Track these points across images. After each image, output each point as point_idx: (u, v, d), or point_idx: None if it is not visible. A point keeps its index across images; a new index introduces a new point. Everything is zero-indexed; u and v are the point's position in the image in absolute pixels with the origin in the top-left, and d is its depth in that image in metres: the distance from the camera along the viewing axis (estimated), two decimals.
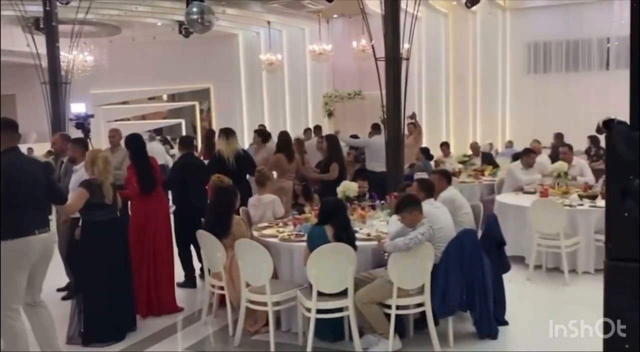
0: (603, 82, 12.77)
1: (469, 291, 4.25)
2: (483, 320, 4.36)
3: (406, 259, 4.05)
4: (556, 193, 6.60)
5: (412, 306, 4.27)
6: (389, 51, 6.93)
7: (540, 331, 4.63)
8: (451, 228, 4.51)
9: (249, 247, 4.40)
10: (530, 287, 5.79)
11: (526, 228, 6.23)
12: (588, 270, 6.01)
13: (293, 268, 4.56)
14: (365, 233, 4.76)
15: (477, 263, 4.30)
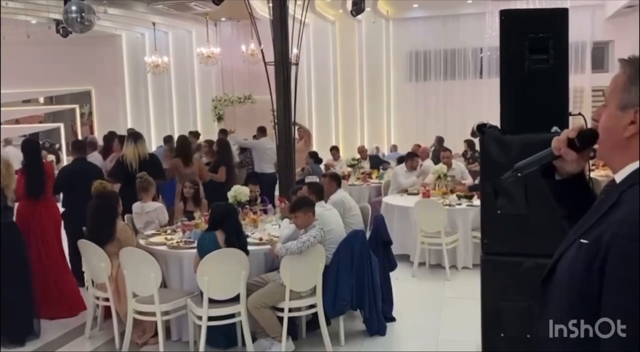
0: (477, 89, 13.67)
1: (358, 290, 4.37)
2: (372, 317, 4.50)
3: (298, 262, 4.09)
4: (437, 194, 6.97)
5: (305, 308, 4.32)
6: (278, 56, 6.97)
7: (425, 325, 4.88)
8: (341, 230, 4.61)
9: (135, 255, 4.23)
10: (415, 284, 6.06)
11: (410, 227, 6.53)
12: (467, 265, 6.40)
13: (183, 276, 4.45)
14: (257, 237, 4.74)
15: (366, 263, 4.43)
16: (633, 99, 1.20)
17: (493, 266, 3.30)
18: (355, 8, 10.40)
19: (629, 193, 1.20)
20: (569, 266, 1.26)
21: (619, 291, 1.13)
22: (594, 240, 1.19)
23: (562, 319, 1.28)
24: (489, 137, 3.20)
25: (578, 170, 1.43)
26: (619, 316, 1.13)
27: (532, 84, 3.06)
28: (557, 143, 1.38)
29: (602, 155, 1.31)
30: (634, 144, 1.22)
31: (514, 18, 3.10)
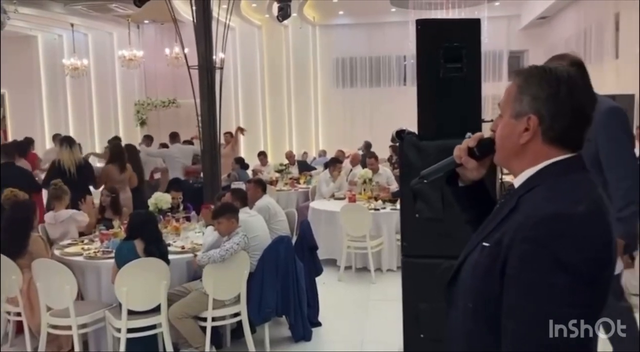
0: (401, 95, 14.01)
1: (284, 296, 4.36)
2: (297, 323, 4.49)
3: (221, 270, 4.02)
4: (363, 198, 7.07)
5: (229, 316, 4.26)
6: (201, 60, 6.86)
7: (351, 328, 4.92)
8: (266, 236, 4.58)
9: (48, 267, 4.03)
10: (341, 288, 6.11)
11: (337, 232, 6.59)
12: (391, 268, 6.52)
13: (101, 287, 4.27)
14: (179, 246, 4.64)
15: (292, 268, 4.42)
16: (525, 107, 1.26)
17: (412, 268, 3.38)
18: (281, 13, 10.39)
19: (526, 197, 1.25)
20: (472, 268, 1.30)
21: (517, 292, 1.17)
22: (495, 243, 1.23)
23: (466, 321, 1.32)
24: (407, 143, 3.27)
25: (479, 177, 1.48)
26: (517, 316, 1.17)
27: (447, 91, 3.15)
28: (459, 152, 1.43)
29: (501, 161, 1.36)
30: (529, 150, 1.27)
31: (430, 27, 3.18)
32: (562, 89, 1.23)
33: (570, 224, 1.14)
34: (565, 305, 1.12)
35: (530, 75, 1.28)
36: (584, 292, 1.14)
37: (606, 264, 1.17)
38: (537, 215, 1.17)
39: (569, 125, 1.24)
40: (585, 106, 1.26)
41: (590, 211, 1.17)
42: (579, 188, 1.22)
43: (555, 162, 1.26)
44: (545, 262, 1.13)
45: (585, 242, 1.14)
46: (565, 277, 1.11)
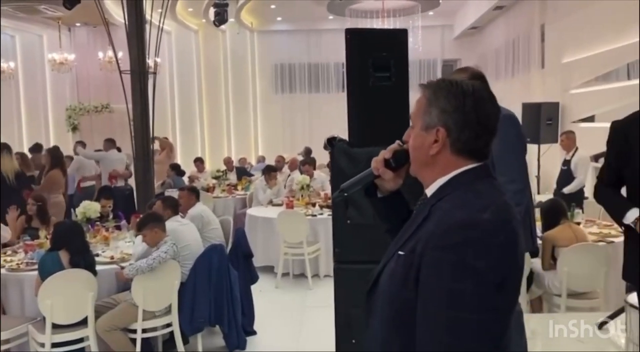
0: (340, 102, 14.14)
1: (217, 306, 4.29)
2: (231, 332, 4.44)
3: (151, 280, 3.93)
4: (301, 204, 7.08)
5: (160, 327, 4.16)
6: (134, 64, 6.71)
7: (286, 336, 4.91)
8: (199, 244, 4.51)
9: None
10: (278, 295, 6.09)
11: (274, 238, 6.56)
12: (329, 273, 6.53)
13: (24, 301, 4.09)
14: (108, 256, 4.50)
15: (225, 277, 4.37)
16: (434, 119, 1.30)
17: (345, 273, 3.40)
18: (218, 18, 10.34)
19: (437, 206, 1.28)
20: (389, 277, 1.32)
21: (429, 299, 1.19)
22: (409, 251, 1.26)
23: (385, 329, 1.33)
24: (337, 150, 3.30)
25: (396, 188, 1.51)
26: (429, 323, 1.19)
27: (376, 99, 3.20)
28: (375, 163, 1.45)
29: (415, 171, 1.39)
30: (439, 161, 1.31)
31: (359, 37, 3.22)
32: (468, 102, 1.28)
33: (477, 231, 1.17)
34: (473, 311, 1.15)
35: (438, 88, 1.32)
36: (492, 298, 1.16)
37: (512, 269, 1.20)
38: (446, 223, 1.20)
39: (475, 136, 1.29)
40: (490, 118, 1.30)
41: (495, 218, 1.20)
42: (485, 196, 1.26)
43: (464, 172, 1.30)
44: (453, 268, 1.16)
45: (492, 248, 1.17)
46: (473, 282, 1.14)
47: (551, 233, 4.45)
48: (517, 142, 2.80)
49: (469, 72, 2.85)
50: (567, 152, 7.01)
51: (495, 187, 1.32)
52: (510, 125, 2.80)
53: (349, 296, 3.38)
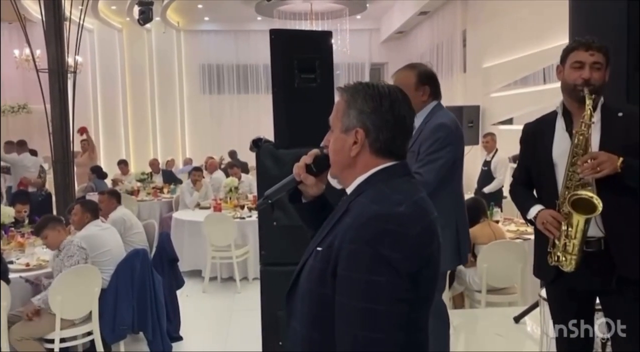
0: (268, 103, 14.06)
1: (140, 312, 4.16)
2: (156, 339, 4.31)
3: (69, 287, 3.77)
4: (229, 207, 7.00)
5: (80, 336, 4.00)
6: (52, 63, 6.44)
7: (213, 340, 4.83)
8: (120, 250, 4.36)
9: None
10: (206, 299, 5.98)
11: (202, 242, 6.45)
12: (257, 276, 6.46)
13: None
14: (23, 263, 4.28)
15: (149, 283, 4.24)
16: (353, 121, 1.33)
17: (271, 276, 3.39)
18: (142, 17, 10.06)
19: (355, 202, 1.32)
20: (308, 274, 1.33)
21: (345, 292, 1.21)
22: (327, 247, 1.28)
23: (305, 327, 1.33)
24: (263, 151, 3.29)
25: (319, 193, 1.52)
26: (346, 315, 1.20)
27: (302, 101, 3.20)
28: (297, 169, 1.47)
29: (336, 174, 1.42)
30: (359, 162, 1.35)
31: (284, 38, 3.22)
32: (385, 103, 1.32)
33: (392, 223, 1.21)
34: (388, 301, 1.17)
35: (355, 91, 1.35)
36: (407, 290, 1.19)
37: (426, 261, 1.24)
38: (363, 216, 1.23)
39: (393, 136, 1.33)
40: (405, 118, 1.35)
41: (410, 212, 1.24)
42: (401, 191, 1.30)
43: (382, 169, 1.34)
44: (369, 260, 1.18)
45: (406, 240, 1.20)
46: (388, 273, 1.17)
47: (471, 231, 4.60)
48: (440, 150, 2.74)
49: (418, 69, 2.89)
50: (488, 153, 7.31)
51: (413, 184, 1.37)
52: (440, 132, 2.72)
53: (275, 298, 3.36)
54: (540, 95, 7.82)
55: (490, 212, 5.25)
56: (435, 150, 2.70)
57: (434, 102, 2.94)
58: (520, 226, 5.36)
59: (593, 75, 2.23)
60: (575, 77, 2.24)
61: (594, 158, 2.16)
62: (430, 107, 2.91)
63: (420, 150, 2.73)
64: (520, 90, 8.64)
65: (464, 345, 4.06)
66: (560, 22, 3.58)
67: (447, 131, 2.76)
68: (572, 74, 2.26)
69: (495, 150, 7.25)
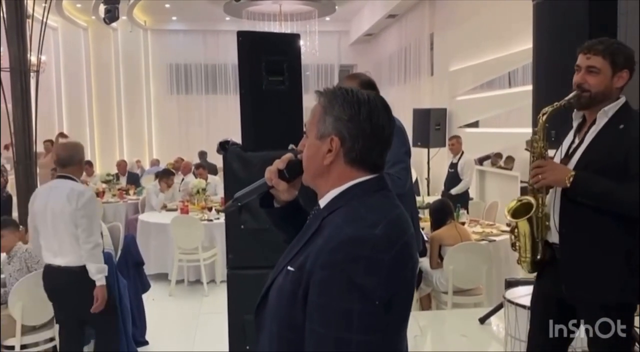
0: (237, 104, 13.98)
1: None
2: (122, 344, 4.24)
3: (30, 291, 3.67)
4: (196, 209, 6.93)
5: (42, 342, 3.90)
6: (14, 61, 6.26)
7: (179, 344, 4.78)
8: None
9: None
10: (172, 303, 5.91)
11: (168, 245, 6.37)
12: (225, 279, 6.43)
13: None
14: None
15: (113, 286, 4.17)
16: (328, 128, 1.26)
17: (238, 279, 3.37)
18: (108, 15, 9.87)
19: (328, 219, 1.24)
20: (277, 293, 1.27)
21: (316, 319, 1.15)
22: (298, 268, 1.21)
23: (272, 345, 1.28)
24: (231, 154, 3.27)
25: (291, 198, 1.46)
26: (317, 343, 1.15)
27: (270, 103, 3.20)
28: (269, 174, 1.41)
29: (308, 181, 1.35)
30: (333, 171, 1.28)
31: (251, 40, 3.21)
32: (363, 111, 1.25)
33: (366, 248, 1.14)
34: (361, 331, 1.12)
35: (334, 97, 1.29)
36: (381, 317, 1.14)
37: (402, 286, 1.18)
38: (335, 239, 1.17)
39: (370, 147, 1.26)
40: (384, 128, 1.28)
41: (386, 234, 1.18)
42: (378, 210, 1.23)
43: (357, 184, 1.27)
44: (341, 287, 1.13)
45: (381, 266, 1.14)
46: (361, 301, 1.12)
47: (438, 233, 4.66)
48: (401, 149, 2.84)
49: (359, 80, 2.87)
50: (454, 155, 7.40)
51: (390, 199, 1.30)
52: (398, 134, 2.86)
53: (242, 302, 3.34)
54: (506, 99, 7.96)
55: (457, 214, 5.32)
56: (398, 150, 2.75)
57: None
58: (486, 227, 5.44)
59: (587, 79, 2.13)
60: (574, 81, 2.18)
61: (540, 166, 2.16)
62: None
63: None
64: (486, 93, 8.78)
65: (431, 346, 4.10)
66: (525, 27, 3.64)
67: (401, 131, 2.83)
68: (574, 78, 2.18)
69: (461, 153, 7.34)
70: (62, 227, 3.32)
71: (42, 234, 3.41)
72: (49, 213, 3.36)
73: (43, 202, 3.40)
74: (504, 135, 8.09)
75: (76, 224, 3.30)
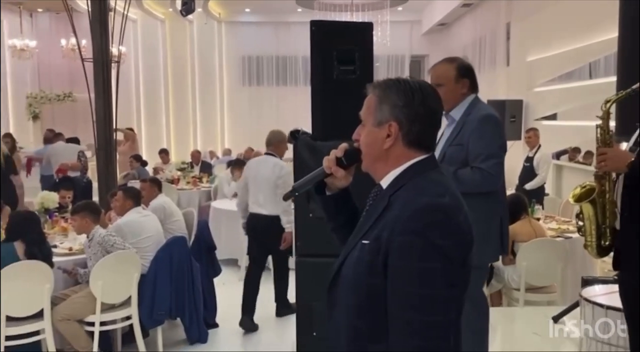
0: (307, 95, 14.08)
1: (178, 298, 4.24)
2: (192, 325, 4.40)
3: (110, 272, 3.86)
4: None
5: (119, 320, 4.09)
6: (97, 53, 6.56)
7: None
8: (160, 236, 4.44)
9: None
10: (241, 288, 6.03)
11: (239, 232, 6.49)
12: (292, 267, 6.49)
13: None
14: (66, 247, 4.40)
15: (187, 269, 4.32)
16: (386, 115, 1.39)
17: (306, 267, 3.40)
18: (185, 8, 10.16)
19: (397, 195, 1.36)
20: (353, 266, 1.37)
21: (401, 281, 1.27)
22: (374, 239, 1.32)
23: (351, 317, 1.37)
24: (301, 143, 3.29)
25: (346, 185, 1.57)
26: (402, 303, 1.26)
27: (341, 93, 3.18)
28: (328, 162, 1.51)
29: (367, 167, 1.46)
30: (392, 154, 1.41)
31: (324, 29, 3.20)
32: (416, 97, 1.38)
33: (440, 213, 1.28)
34: (444, 286, 1.25)
35: (387, 87, 1.40)
36: (458, 273, 1.28)
37: (470, 246, 1.33)
38: (411, 208, 1.29)
39: (424, 129, 1.40)
40: (436, 111, 1.42)
41: (452, 201, 1.32)
42: (439, 183, 1.37)
43: (416, 163, 1.40)
44: (421, 250, 1.25)
45: (455, 228, 1.28)
46: (442, 260, 1.25)
47: (511, 228, 4.50)
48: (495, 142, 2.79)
49: (457, 62, 2.89)
50: (530, 149, 7.15)
51: (444, 176, 1.43)
52: (490, 123, 2.81)
53: (310, 289, 3.37)
54: (586, 91, 7.60)
55: (532, 210, 5.14)
56: (492, 144, 2.74)
57: (472, 94, 2.96)
58: (562, 224, 5.23)
59: None
60: None
61: (603, 153, 2.22)
62: (470, 99, 2.93)
63: (470, 144, 2.74)
64: (565, 85, 8.42)
65: (500, 343, 4.00)
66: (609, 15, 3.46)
67: (498, 122, 2.83)
68: None
69: (538, 146, 7.08)
70: (266, 188, 4.78)
71: (251, 191, 4.90)
72: (258, 178, 4.85)
73: (254, 171, 4.96)
74: (583, 128, 7.71)
75: (277, 186, 4.72)
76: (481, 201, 2.68)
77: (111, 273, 3.87)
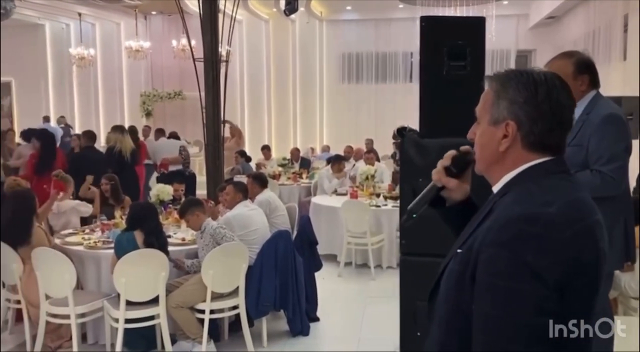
0: (407, 92, 13.99)
1: (282, 291, 4.36)
2: (295, 318, 4.50)
3: (220, 263, 4.03)
4: (365, 194, 7.06)
5: (227, 309, 4.27)
6: (207, 52, 6.86)
7: (349, 324, 4.93)
8: (266, 230, 4.58)
9: (48, 256, 4.04)
10: (341, 283, 6.11)
11: (338, 227, 6.58)
12: (391, 265, 6.51)
13: (100, 277, 4.30)
14: (179, 238, 4.65)
15: (291, 263, 4.42)
16: (503, 113, 1.22)
17: (411, 266, 3.37)
18: (288, 7, 10.37)
19: (499, 202, 1.21)
20: (447, 277, 1.26)
21: (484, 299, 1.12)
22: (467, 249, 1.19)
23: (442, 331, 1.26)
24: (408, 140, 3.26)
25: (465, 195, 1.43)
26: (484, 324, 1.12)
27: (450, 89, 3.13)
28: (437, 175, 1.40)
29: (482, 170, 1.32)
30: (508, 157, 1.23)
31: (434, 25, 3.16)
32: (540, 92, 1.19)
33: (537, 226, 1.09)
34: (530, 312, 1.07)
35: (506, 79, 1.23)
36: (553, 301, 1.07)
37: (581, 272, 1.10)
38: (503, 218, 1.13)
39: (549, 129, 1.20)
40: (564, 108, 1.21)
41: (562, 213, 1.11)
42: (554, 190, 1.17)
43: (533, 166, 1.22)
44: (508, 265, 1.08)
45: (553, 245, 1.08)
46: (531, 282, 1.06)
47: None
48: (619, 144, 2.59)
49: (575, 58, 2.70)
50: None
51: (571, 182, 1.22)
52: (613, 124, 2.60)
53: (414, 288, 3.34)
54: None
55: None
56: (615, 145, 2.57)
57: (593, 91, 2.78)
58: None
59: None
60: None
61: None
62: (590, 97, 2.76)
63: (591, 145, 2.58)
64: None
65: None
66: None
67: (622, 122, 2.66)
68: None
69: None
70: None
71: None
72: None
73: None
74: None
75: None
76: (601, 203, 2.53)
77: (221, 264, 4.05)
